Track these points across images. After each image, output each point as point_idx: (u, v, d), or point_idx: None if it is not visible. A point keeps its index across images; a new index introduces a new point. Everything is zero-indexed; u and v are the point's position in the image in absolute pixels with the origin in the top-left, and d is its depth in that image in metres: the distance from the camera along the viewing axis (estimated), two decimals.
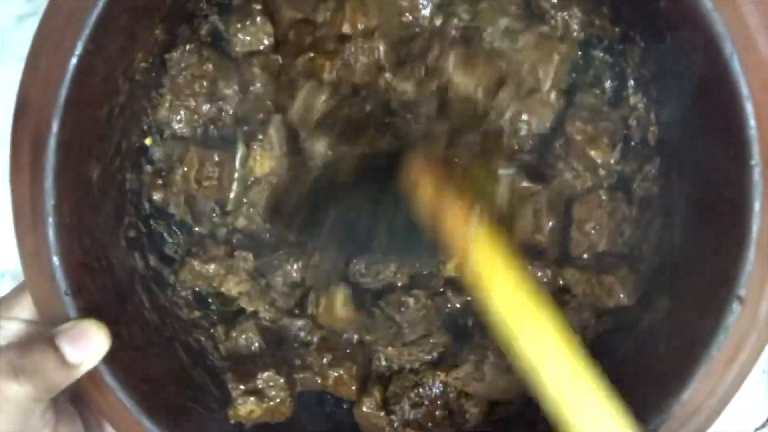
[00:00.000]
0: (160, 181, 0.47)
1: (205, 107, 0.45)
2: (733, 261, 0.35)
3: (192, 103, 0.46)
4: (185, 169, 0.46)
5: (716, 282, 0.36)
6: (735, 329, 0.35)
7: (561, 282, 0.44)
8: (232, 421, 0.45)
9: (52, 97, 0.38)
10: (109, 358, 0.40)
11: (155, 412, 0.41)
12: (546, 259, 0.44)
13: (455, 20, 0.42)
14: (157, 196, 0.47)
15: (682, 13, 0.34)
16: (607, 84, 0.44)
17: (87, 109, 0.40)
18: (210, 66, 0.45)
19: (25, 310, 0.41)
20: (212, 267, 0.47)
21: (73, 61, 0.37)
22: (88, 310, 0.40)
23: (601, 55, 0.44)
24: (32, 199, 0.40)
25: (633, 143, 0.44)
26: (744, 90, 0.33)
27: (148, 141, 0.46)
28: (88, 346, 0.39)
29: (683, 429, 0.37)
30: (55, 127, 0.38)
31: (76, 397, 0.42)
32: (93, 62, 0.38)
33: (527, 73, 0.42)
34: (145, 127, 0.46)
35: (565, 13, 0.42)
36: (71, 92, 0.38)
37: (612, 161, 0.43)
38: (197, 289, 0.48)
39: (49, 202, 0.39)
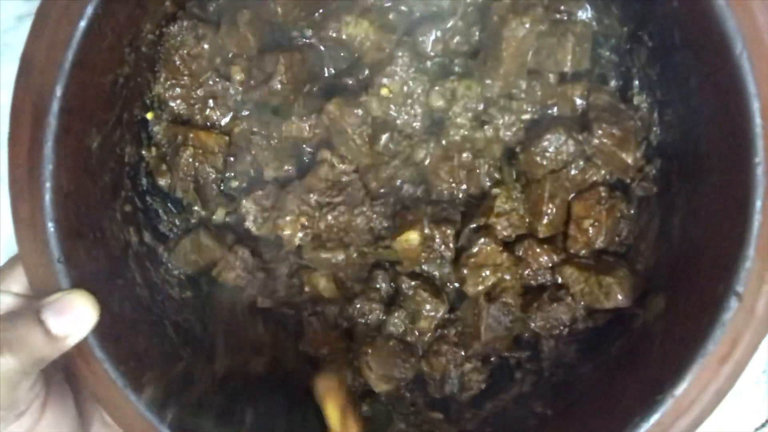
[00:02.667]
0: (164, 167, 0.47)
1: (206, 81, 0.45)
2: (732, 258, 0.35)
3: (188, 81, 0.45)
4: (190, 152, 0.46)
5: (714, 278, 0.36)
6: (731, 325, 0.35)
7: (559, 279, 0.44)
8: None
9: (57, 60, 0.37)
10: (99, 331, 0.40)
11: (142, 388, 0.40)
12: (551, 247, 0.44)
13: None
14: (163, 182, 0.47)
15: (695, 11, 0.35)
16: (612, 83, 0.44)
17: (92, 75, 0.40)
18: (206, 45, 0.45)
19: (17, 283, 0.40)
20: (209, 245, 0.46)
21: (82, 24, 0.37)
22: (81, 280, 0.40)
23: (608, 54, 0.44)
24: (30, 163, 0.39)
25: None
26: (752, 88, 0.33)
27: (149, 115, 0.46)
28: (74, 317, 0.38)
29: (676, 423, 0.37)
30: (58, 90, 0.37)
31: (70, 374, 0.41)
32: (102, 27, 0.38)
33: (546, 58, 0.42)
34: (147, 101, 0.46)
35: (579, 11, 0.42)
36: (78, 56, 0.37)
37: (638, 156, 0.42)
38: (187, 272, 0.48)
39: (48, 166, 0.38)
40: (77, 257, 0.40)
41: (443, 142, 0.44)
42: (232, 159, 0.47)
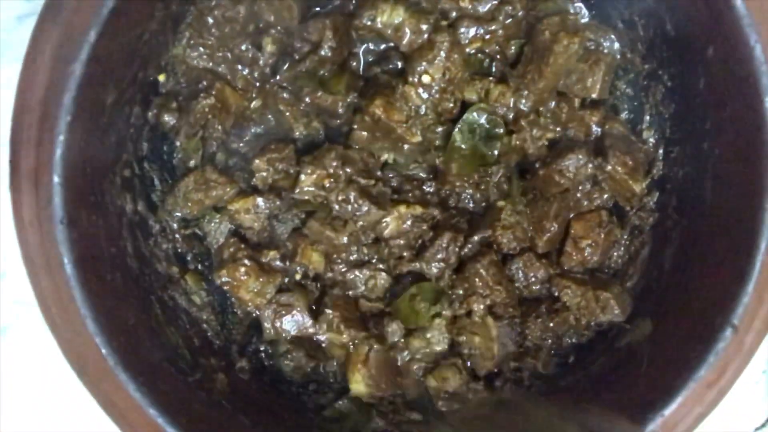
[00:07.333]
0: (174, 104, 0.44)
1: (236, 46, 0.44)
2: (731, 292, 0.38)
3: (214, 42, 0.43)
4: (210, 102, 0.44)
5: (711, 309, 0.39)
6: (723, 354, 0.38)
7: (556, 293, 0.46)
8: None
9: (96, 4, 0.34)
10: (93, 302, 0.37)
11: (132, 366, 0.38)
12: (547, 262, 0.46)
13: None
14: (168, 118, 0.44)
15: (731, 60, 0.37)
16: (623, 116, 0.46)
17: (125, 25, 0.37)
18: (242, 10, 0.43)
19: None
20: (217, 180, 0.45)
21: None
22: (80, 245, 0.37)
23: (624, 87, 0.46)
24: (44, 111, 0.35)
25: None
26: None
27: (161, 77, 0.43)
28: None
29: None
30: (93, 36, 0.34)
31: None
32: None
33: (576, 83, 0.43)
34: (163, 63, 0.43)
35: (605, 41, 0.44)
36: (118, 1, 0.34)
37: (644, 186, 0.45)
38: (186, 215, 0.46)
39: (66, 117, 0.35)
40: (79, 220, 0.37)
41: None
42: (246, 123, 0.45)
